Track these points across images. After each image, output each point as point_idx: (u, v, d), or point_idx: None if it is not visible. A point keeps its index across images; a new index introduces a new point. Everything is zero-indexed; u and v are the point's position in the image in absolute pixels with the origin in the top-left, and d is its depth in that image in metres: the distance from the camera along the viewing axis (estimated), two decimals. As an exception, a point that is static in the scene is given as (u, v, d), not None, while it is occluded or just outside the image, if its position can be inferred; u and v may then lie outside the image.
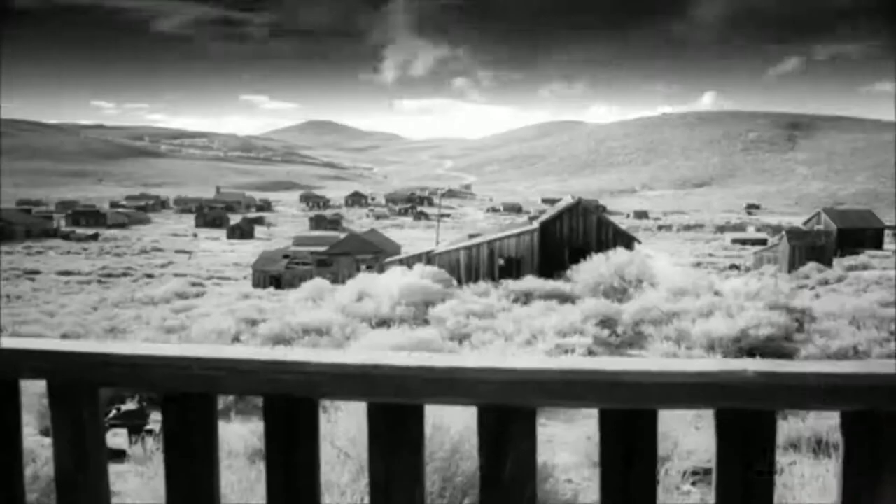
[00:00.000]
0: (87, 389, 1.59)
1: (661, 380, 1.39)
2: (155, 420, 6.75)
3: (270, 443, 1.55)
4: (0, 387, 1.61)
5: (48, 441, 5.45)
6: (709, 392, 1.39)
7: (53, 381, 1.59)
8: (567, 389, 1.43)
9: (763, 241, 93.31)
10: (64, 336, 14.67)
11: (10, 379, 1.61)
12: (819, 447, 5.03)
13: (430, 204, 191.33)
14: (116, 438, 6.18)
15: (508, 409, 1.45)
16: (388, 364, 1.47)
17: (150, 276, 69.68)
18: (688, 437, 5.04)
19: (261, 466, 4.14)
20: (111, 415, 6.64)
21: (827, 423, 5.46)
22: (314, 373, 1.49)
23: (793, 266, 52.38)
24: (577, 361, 1.46)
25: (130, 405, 6.75)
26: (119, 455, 5.70)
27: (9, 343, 1.63)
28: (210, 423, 1.58)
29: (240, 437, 4.89)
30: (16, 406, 1.63)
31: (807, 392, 1.39)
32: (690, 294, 14.87)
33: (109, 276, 69.38)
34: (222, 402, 7.76)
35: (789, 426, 5.71)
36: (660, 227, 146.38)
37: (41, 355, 1.61)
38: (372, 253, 62.12)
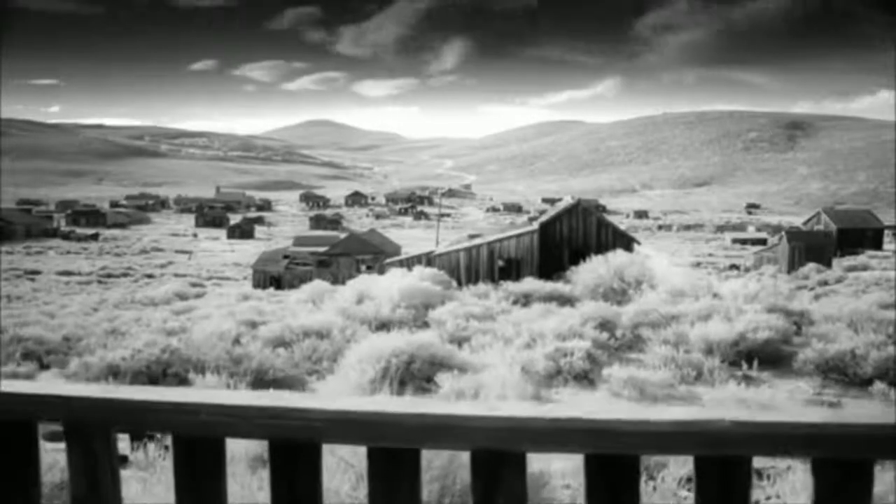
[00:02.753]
0: (101, 431, 1.67)
1: (642, 428, 1.47)
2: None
3: (275, 484, 1.64)
4: (19, 428, 1.70)
5: (50, 446, 5.50)
6: (688, 440, 1.47)
7: (69, 423, 1.68)
8: (555, 436, 1.51)
9: (763, 241, 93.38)
10: (65, 338, 14.72)
11: (29, 421, 1.70)
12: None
13: (431, 204, 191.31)
14: (119, 443, 6.22)
15: (500, 453, 1.54)
16: (387, 411, 1.56)
17: (150, 276, 69.77)
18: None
19: (262, 474, 4.20)
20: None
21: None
22: (317, 419, 1.57)
23: (792, 266, 52.44)
24: (565, 410, 1.54)
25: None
26: (121, 461, 5.75)
27: (28, 387, 1.74)
28: (218, 466, 1.66)
29: (241, 443, 4.94)
30: (34, 446, 1.72)
31: (780, 441, 1.47)
32: (689, 296, 14.91)
33: (109, 276, 69.46)
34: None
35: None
36: (660, 227, 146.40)
37: (58, 400, 1.70)
38: (372, 253, 62.17)
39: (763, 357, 9.82)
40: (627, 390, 8.60)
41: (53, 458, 4.54)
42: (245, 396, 1.67)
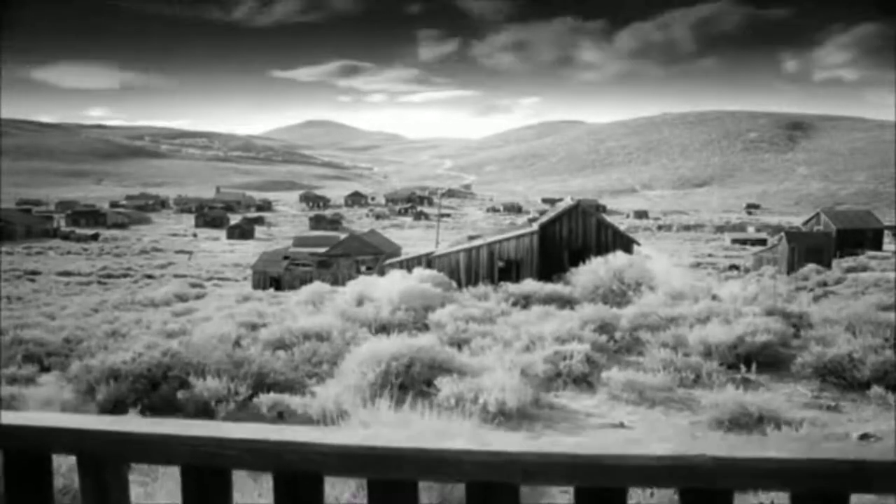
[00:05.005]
0: (114, 464, 1.73)
1: (629, 462, 1.54)
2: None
3: None
4: (33, 461, 1.74)
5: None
6: (672, 474, 1.54)
7: (82, 456, 1.72)
8: (545, 470, 1.57)
9: (763, 242, 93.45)
10: (66, 340, 14.75)
11: (43, 455, 1.75)
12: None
13: (430, 204, 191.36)
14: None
15: (493, 486, 1.60)
16: (386, 446, 1.63)
17: (150, 276, 69.77)
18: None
19: (262, 481, 4.23)
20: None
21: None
22: (319, 453, 1.63)
23: (792, 267, 52.44)
24: (556, 443, 1.60)
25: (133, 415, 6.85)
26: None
27: (42, 420, 1.78)
28: (225, 497, 1.72)
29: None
30: (49, 479, 1.76)
31: (760, 475, 1.53)
32: (688, 298, 14.95)
33: (109, 276, 69.47)
34: (224, 410, 7.84)
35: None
36: (659, 227, 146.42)
37: (72, 433, 1.74)
38: (372, 254, 62.19)
39: (761, 360, 9.84)
40: (626, 394, 8.64)
41: (56, 462, 4.59)
42: (251, 429, 1.72)
